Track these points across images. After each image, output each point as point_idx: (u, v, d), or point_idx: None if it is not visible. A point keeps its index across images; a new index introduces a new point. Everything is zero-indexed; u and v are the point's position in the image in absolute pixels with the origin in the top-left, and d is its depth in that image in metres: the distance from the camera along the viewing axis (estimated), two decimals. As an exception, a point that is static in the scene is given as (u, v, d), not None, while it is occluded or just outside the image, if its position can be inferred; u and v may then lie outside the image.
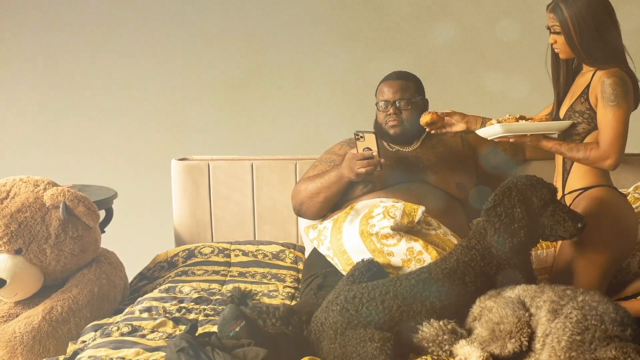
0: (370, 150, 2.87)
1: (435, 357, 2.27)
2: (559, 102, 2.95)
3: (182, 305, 2.80)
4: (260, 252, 3.38)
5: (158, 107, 4.39)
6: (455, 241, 2.79)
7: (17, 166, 3.98)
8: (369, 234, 2.74)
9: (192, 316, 2.72)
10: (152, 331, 2.57)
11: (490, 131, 2.84)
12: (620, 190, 2.95)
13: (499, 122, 2.82)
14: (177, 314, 2.72)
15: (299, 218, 3.29)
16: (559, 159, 2.95)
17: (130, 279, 3.25)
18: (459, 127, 3.02)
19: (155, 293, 2.93)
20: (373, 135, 2.87)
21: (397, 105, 3.09)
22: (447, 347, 2.28)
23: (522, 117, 2.83)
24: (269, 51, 4.33)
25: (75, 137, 4.41)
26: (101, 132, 4.41)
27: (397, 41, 4.28)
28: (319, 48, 4.30)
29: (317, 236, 2.91)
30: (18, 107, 4.42)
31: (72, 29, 4.34)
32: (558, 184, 2.92)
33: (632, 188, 3.19)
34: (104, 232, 3.45)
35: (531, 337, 2.23)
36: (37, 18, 4.33)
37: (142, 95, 4.39)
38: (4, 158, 4.38)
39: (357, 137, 2.90)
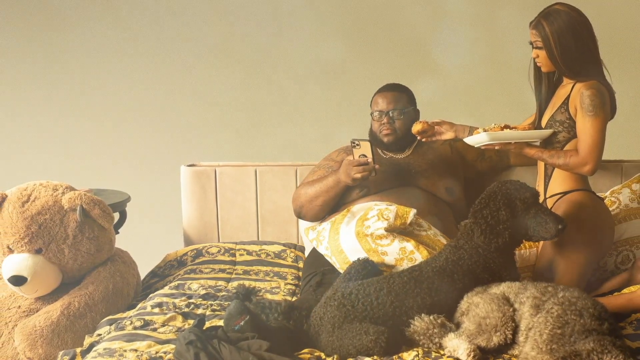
0: (366, 157, 2.88)
1: (426, 350, 2.28)
2: (540, 112, 2.95)
3: (191, 301, 2.80)
4: (263, 251, 3.38)
5: (168, 116, 4.39)
6: (444, 241, 2.79)
7: (36, 172, 3.97)
8: (365, 235, 2.75)
9: (200, 311, 2.71)
10: (163, 325, 2.57)
11: (477, 139, 2.84)
12: (598, 194, 2.95)
13: (485, 130, 2.82)
14: (186, 309, 2.72)
15: (300, 220, 3.30)
16: (540, 165, 2.95)
17: (142, 276, 3.24)
18: (448, 135, 3.02)
19: (166, 290, 2.93)
20: (368, 143, 2.87)
21: (391, 115, 3.10)
22: (437, 340, 2.28)
23: (506, 126, 2.83)
24: (273, 63, 4.34)
25: (91, 144, 4.41)
26: (115, 140, 4.42)
27: (398, 49, 4.26)
28: (322, 56, 4.30)
29: (316, 237, 2.92)
30: (36, 115, 4.41)
31: (81, 33, 4.32)
32: (540, 188, 2.93)
33: (608, 192, 3.19)
34: (118, 233, 3.44)
35: (515, 330, 2.24)
36: (44, 21, 4.33)
37: (152, 106, 4.39)
38: (24, 164, 4.38)
39: (353, 144, 2.90)
